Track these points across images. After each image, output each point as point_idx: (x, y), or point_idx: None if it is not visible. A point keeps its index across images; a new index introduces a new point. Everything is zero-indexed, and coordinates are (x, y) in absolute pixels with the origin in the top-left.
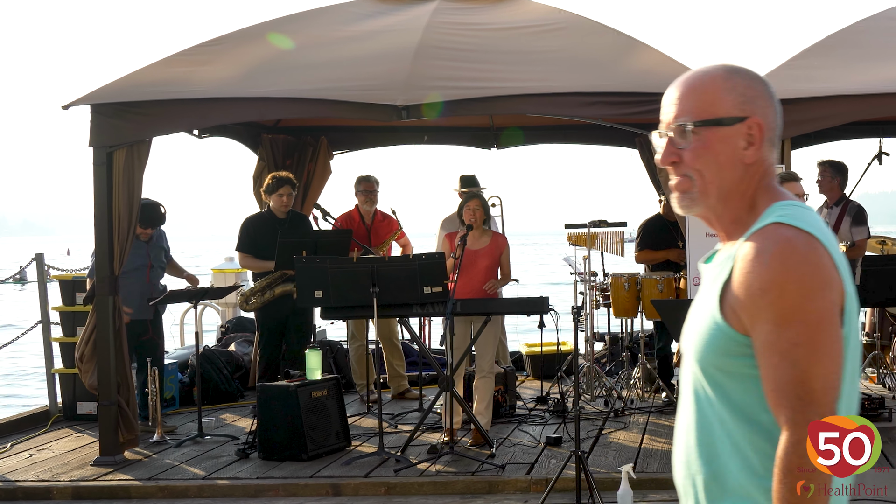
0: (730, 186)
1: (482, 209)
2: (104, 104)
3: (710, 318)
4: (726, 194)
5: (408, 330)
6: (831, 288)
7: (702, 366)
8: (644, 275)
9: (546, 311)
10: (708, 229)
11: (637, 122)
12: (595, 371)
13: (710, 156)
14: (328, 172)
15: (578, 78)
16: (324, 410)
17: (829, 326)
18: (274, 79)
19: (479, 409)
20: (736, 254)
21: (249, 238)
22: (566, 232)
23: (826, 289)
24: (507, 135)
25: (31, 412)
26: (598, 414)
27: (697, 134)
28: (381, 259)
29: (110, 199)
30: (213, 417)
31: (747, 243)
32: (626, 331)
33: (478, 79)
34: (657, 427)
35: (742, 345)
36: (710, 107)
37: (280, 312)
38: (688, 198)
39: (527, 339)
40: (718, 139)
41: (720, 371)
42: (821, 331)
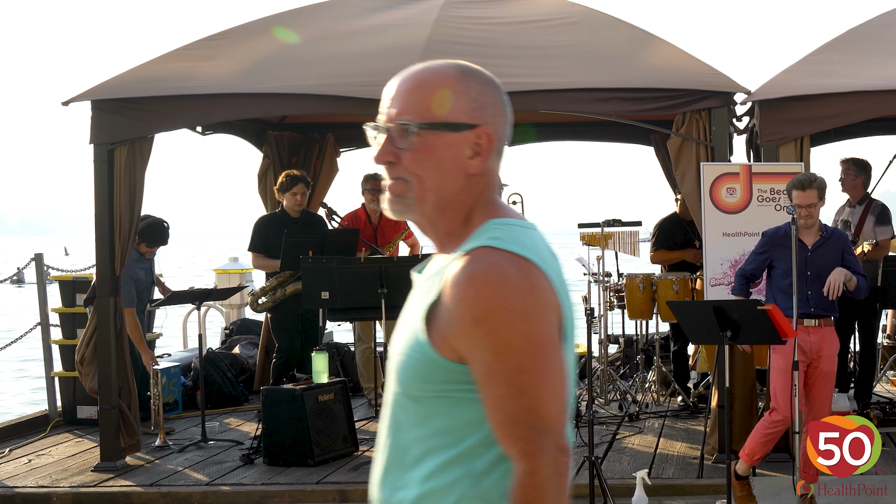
0: (449, 196)
1: None
2: (105, 100)
3: (415, 340)
4: (444, 204)
5: None
6: (549, 310)
7: (403, 388)
8: (659, 275)
9: None
10: (726, 228)
11: (652, 118)
12: (609, 374)
13: (431, 162)
14: (335, 170)
15: (592, 73)
16: (331, 414)
17: (553, 350)
18: (279, 74)
19: None
20: (445, 273)
21: (262, 238)
22: (579, 231)
23: (544, 312)
24: (518, 131)
25: (30, 416)
26: (612, 418)
27: (421, 136)
28: (390, 259)
29: (111, 198)
30: (217, 422)
31: (456, 265)
32: (640, 333)
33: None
34: (673, 431)
35: (453, 371)
36: (439, 109)
37: (294, 312)
38: (401, 202)
39: None
40: (443, 145)
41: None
42: (545, 355)
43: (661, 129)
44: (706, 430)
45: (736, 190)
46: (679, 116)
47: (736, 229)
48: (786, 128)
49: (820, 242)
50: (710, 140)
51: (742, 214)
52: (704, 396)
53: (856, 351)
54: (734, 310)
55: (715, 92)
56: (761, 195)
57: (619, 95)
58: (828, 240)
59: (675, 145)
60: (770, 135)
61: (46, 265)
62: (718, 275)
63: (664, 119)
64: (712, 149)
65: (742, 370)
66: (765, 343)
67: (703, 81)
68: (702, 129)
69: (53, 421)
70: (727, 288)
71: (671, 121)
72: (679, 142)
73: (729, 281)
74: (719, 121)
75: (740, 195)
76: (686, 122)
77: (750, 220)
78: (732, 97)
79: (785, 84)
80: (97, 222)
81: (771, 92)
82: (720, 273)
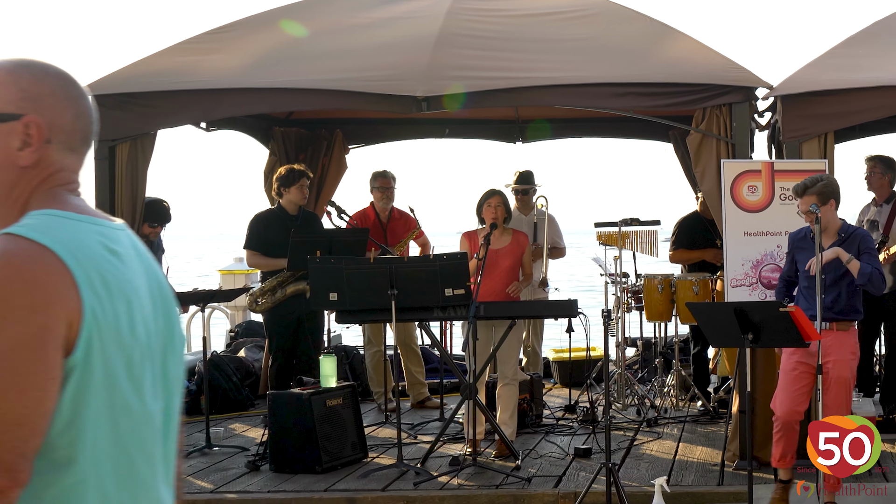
0: (2, 189)
1: (504, 206)
2: (106, 95)
3: None
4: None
5: (428, 334)
6: (49, 309)
7: None
8: (679, 276)
9: (575, 314)
10: (747, 228)
11: (671, 114)
12: (626, 378)
13: None
14: (343, 168)
15: (609, 67)
16: (339, 420)
17: (30, 354)
18: (286, 68)
19: (503, 418)
20: None
21: (259, 235)
22: (596, 231)
23: (38, 311)
24: (533, 128)
25: None
26: (629, 423)
27: None
28: (400, 259)
29: (112, 197)
30: (222, 427)
31: None
32: (659, 335)
33: (502, 68)
34: (693, 437)
35: None
36: None
37: (292, 313)
38: None
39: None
40: None
41: None
42: (15, 358)
43: (680, 125)
44: (727, 436)
45: (758, 188)
46: (699, 112)
47: (757, 228)
48: (809, 124)
49: (836, 244)
50: (730, 136)
51: (764, 213)
52: (725, 401)
53: (881, 354)
54: (756, 312)
55: (736, 87)
56: (784, 193)
57: (636, 90)
58: (844, 241)
59: (694, 142)
60: (793, 131)
61: None
62: (739, 275)
63: (683, 115)
64: (733, 145)
65: (764, 374)
66: (787, 346)
67: (724, 76)
68: (722, 125)
69: None
70: (748, 289)
71: (691, 116)
72: (699, 138)
73: (751, 282)
74: (740, 116)
75: (762, 193)
76: (706, 118)
77: (772, 220)
78: (754, 92)
79: (808, 78)
80: None
81: (794, 87)
82: (741, 274)
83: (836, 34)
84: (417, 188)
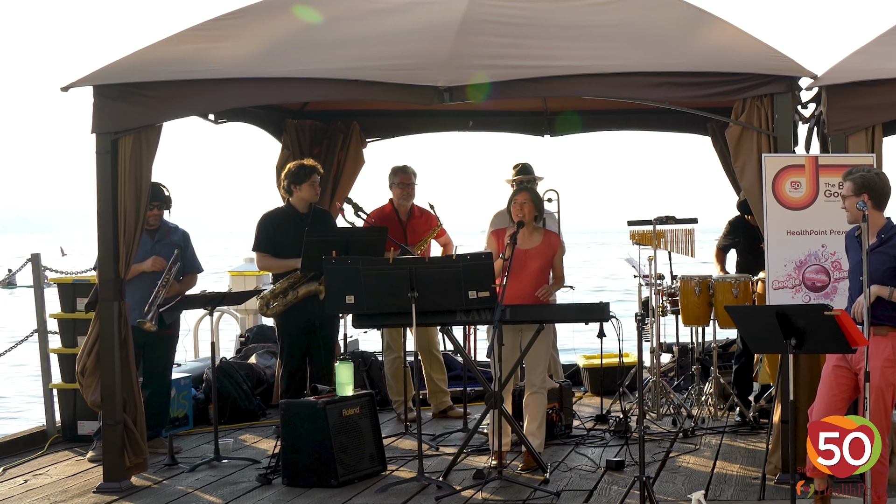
0: None
1: (532, 203)
2: (108, 85)
3: None
4: None
5: (450, 340)
6: None
7: None
8: (717, 277)
9: (606, 318)
10: (790, 226)
11: (709, 105)
12: (661, 386)
13: None
14: (360, 162)
15: (643, 55)
16: (356, 431)
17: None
18: (299, 57)
19: (530, 428)
20: None
21: (268, 236)
22: (629, 229)
23: None
24: (562, 120)
25: (26, 433)
26: (664, 434)
27: None
28: (421, 260)
29: (115, 193)
30: (232, 438)
31: None
32: (696, 341)
33: (530, 57)
34: (731, 449)
35: None
36: None
37: (304, 317)
38: None
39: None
40: None
41: None
42: None
43: (718, 117)
44: (768, 448)
45: (801, 184)
46: (738, 103)
47: (801, 227)
48: (856, 115)
49: (875, 245)
50: (772, 129)
51: (807, 211)
52: (766, 410)
53: None
54: (799, 315)
55: (778, 76)
56: (829, 189)
57: (672, 80)
58: (884, 242)
59: (734, 135)
60: (838, 123)
61: (44, 266)
62: (782, 277)
63: (722, 106)
64: (775, 139)
65: (808, 382)
66: (833, 352)
67: (765, 65)
68: (763, 117)
69: (52, 438)
70: (791, 291)
71: (730, 108)
72: (738, 131)
73: (794, 284)
74: (783, 108)
75: (806, 189)
76: (746, 110)
77: (816, 217)
78: (797, 82)
79: (855, 67)
80: (100, 219)
81: (840, 76)
82: (783, 275)
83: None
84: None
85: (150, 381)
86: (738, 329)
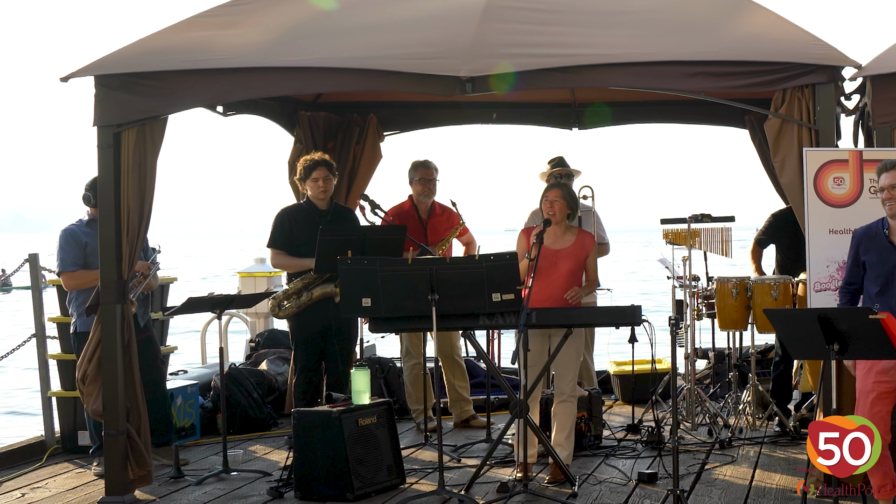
0: None
1: (564, 201)
2: (110, 76)
3: None
4: None
5: (473, 345)
6: None
7: None
8: (755, 279)
9: (638, 322)
10: (833, 224)
11: (747, 96)
12: (696, 394)
13: None
14: (378, 157)
15: (677, 44)
16: (373, 441)
17: None
18: (313, 45)
19: (558, 439)
20: None
21: (284, 232)
22: (662, 228)
23: None
24: (591, 112)
25: (24, 443)
26: (700, 445)
27: None
28: (442, 260)
29: (118, 189)
30: (241, 450)
31: None
32: (733, 346)
33: (557, 45)
34: (770, 461)
35: None
36: None
37: (319, 320)
38: None
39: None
40: None
41: None
42: None
43: (757, 109)
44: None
45: (844, 180)
46: (778, 94)
47: (844, 225)
48: None
49: None
50: (814, 122)
51: (851, 208)
52: (808, 420)
53: None
54: (842, 319)
55: (820, 66)
56: (874, 186)
57: (707, 70)
58: None
59: (773, 128)
60: (884, 115)
61: (42, 267)
62: (824, 278)
63: (761, 97)
64: (817, 132)
65: (851, 389)
66: (878, 358)
67: (807, 53)
68: (805, 109)
69: (50, 449)
70: (834, 293)
71: (769, 99)
72: (778, 123)
73: (836, 285)
74: (825, 99)
75: (849, 186)
76: (786, 101)
77: (860, 215)
78: (840, 72)
79: None
80: (101, 217)
81: (886, 65)
82: (826, 276)
83: None
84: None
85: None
86: (777, 333)
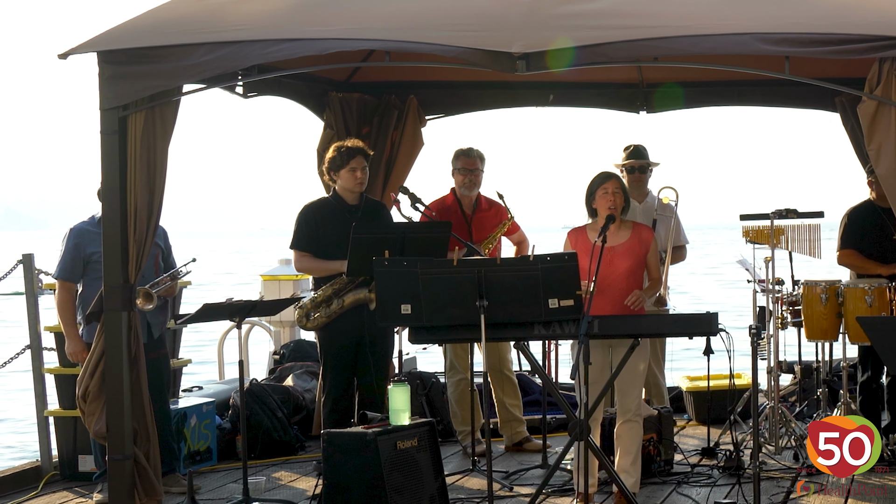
0: None
1: (622, 194)
2: (115, 51)
3: None
4: None
5: (527, 357)
6: None
7: None
8: (848, 283)
9: (714, 332)
10: None
11: (839, 76)
12: (781, 413)
13: None
14: (419, 144)
15: (758, 13)
16: (413, 467)
17: None
18: (343, 15)
19: (623, 464)
20: None
21: (309, 231)
22: (742, 225)
23: None
24: (661, 93)
25: (18, 469)
26: (784, 471)
27: None
28: (492, 262)
29: (124, 181)
30: (264, 476)
31: None
32: (822, 359)
33: (622, 14)
34: (864, 488)
35: None
36: None
37: (351, 330)
38: None
39: (689, 370)
40: None
41: None
42: None
43: (849, 90)
44: None
45: None
46: (873, 74)
47: None
48: None
49: None
50: None
51: None
52: None
53: None
54: None
55: None
56: None
57: (794, 40)
58: None
59: (868, 111)
60: None
61: (37, 269)
62: None
63: (854, 77)
64: None
65: None
66: None
67: None
68: None
69: (47, 475)
70: None
71: (863, 79)
72: (873, 106)
73: None
74: None
75: None
76: (883, 81)
77: None
78: None
79: None
80: (105, 212)
81: None
82: None
83: None
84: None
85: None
86: (872, 344)
